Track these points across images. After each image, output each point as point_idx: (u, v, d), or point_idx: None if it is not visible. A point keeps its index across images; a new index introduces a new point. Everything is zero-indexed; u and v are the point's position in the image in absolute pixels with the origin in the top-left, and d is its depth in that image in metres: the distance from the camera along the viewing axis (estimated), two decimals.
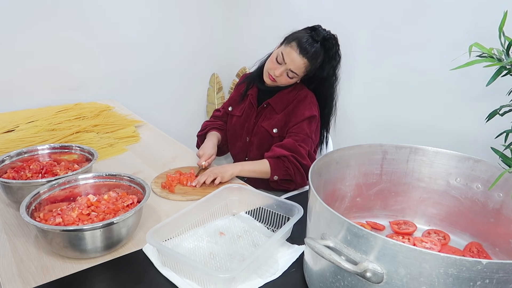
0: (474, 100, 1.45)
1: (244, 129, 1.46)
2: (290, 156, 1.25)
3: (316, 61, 1.29)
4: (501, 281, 0.50)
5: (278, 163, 1.26)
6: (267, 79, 1.34)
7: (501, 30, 0.78)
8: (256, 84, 1.43)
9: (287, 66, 1.28)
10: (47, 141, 1.47)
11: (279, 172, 1.26)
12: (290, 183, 1.31)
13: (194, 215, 0.93)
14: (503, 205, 0.80)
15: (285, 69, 1.29)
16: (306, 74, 1.32)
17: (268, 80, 1.34)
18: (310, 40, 1.27)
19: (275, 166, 1.26)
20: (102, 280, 0.79)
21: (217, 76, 2.69)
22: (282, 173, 1.26)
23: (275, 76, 1.30)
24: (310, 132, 1.32)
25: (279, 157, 1.26)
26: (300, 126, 1.31)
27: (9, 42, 1.88)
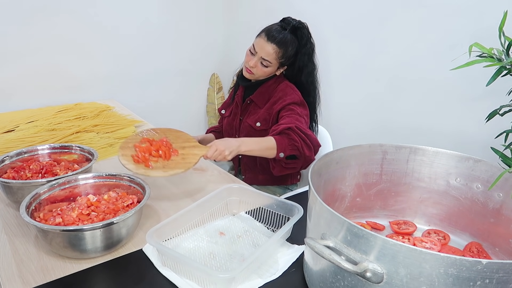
0: (474, 100, 1.45)
1: (233, 128, 1.50)
2: (294, 127, 1.20)
3: (287, 47, 1.33)
4: (501, 281, 0.50)
5: (283, 138, 1.20)
6: (245, 73, 1.40)
7: (501, 30, 0.78)
8: (239, 82, 1.49)
9: (259, 54, 1.33)
10: (47, 141, 1.47)
11: (285, 147, 1.19)
12: (296, 161, 1.24)
13: (194, 215, 0.93)
14: (503, 205, 0.80)
15: (258, 59, 1.34)
16: (281, 62, 1.35)
17: (247, 74, 1.40)
18: (279, 29, 1.34)
19: (280, 141, 1.19)
20: (102, 280, 0.79)
21: (217, 76, 2.70)
22: (288, 148, 1.19)
23: (250, 67, 1.36)
24: (301, 113, 1.30)
25: (283, 132, 1.21)
26: (289, 109, 1.30)
27: (9, 42, 1.88)
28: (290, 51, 1.35)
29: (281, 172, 1.28)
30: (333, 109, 2.03)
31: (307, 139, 1.21)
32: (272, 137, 1.20)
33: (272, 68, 1.36)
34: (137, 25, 2.26)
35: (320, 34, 2.02)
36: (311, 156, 1.23)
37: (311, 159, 1.25)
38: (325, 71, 2.03)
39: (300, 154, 1.21)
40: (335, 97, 2.01)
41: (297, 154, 1.21)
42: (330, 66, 2.00)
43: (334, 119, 2.00)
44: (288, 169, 1.27)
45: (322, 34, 2.01)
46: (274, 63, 1.35)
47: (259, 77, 1.40)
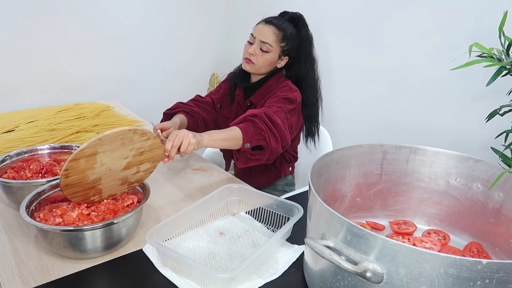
0: (474, 100, 1.45)
1: None
2: (261, 113, 1.11)
3: (286, 32, 1.31)
4: (501, 281, 0.50)
5: (248, 126, 1.10)
6: (245, 65, 1.33)
7: (501, 30, 0.78)
8: (237, 82, 1.42)
9: (258, 38, 1.30)
10: (47, 141, 1.47)
11: (251, 136, 1.09)
12: (262, 152, 1.14)
13: (194, 215, 0.93)
14: (503, 205, 0.81)
15: (258, 44, 1.30)
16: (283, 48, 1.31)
17: (246, 66, 1.32)
18: (277, 17, 1.35)
19: (245, 130, 1.09)
20: (102, 280, 0.79)
21: (217, 76, 2.70)
22: (254, 138, 1.10)
23: (250, 55, 1.30)
24: (284, 108, 1.21)
25: (247, 119, 1.13)
26: (274, 102, 1.23)
27: (9, 42, 1.88)
28: (290, 37, 1.32)
29: (245, 164, 1.17)
30: (333, 109, 2.03)
31: (274, 128, 1.12)
32: (236, 127, 1.10)
33: (273, 54, 1.30)
34: (137, 25, 2.26)
35: (321, 34, 2.02)
36: (277, 148, 1.14)
37: (278, 151, 1.15)
38: (325, 71, 2.03)
39: (266, 144, 1.11)
40: (335, 97, 2.01)
41: (263, 145, 1.12)
42: (330, 66, 2.00)
43: (334, 119, 2.00)
44: (253, 160, 1.16)
45: (323, 34, 2.01)
46: (275, 47, 1.29)
47: (260, 68, 1.32)
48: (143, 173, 0.96)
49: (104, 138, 0.82)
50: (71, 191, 0.86)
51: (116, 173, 0.90)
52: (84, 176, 0.85)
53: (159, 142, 0.95)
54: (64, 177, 0.82)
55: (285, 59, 1.35)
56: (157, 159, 0.98)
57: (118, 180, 0.92)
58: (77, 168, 0.82)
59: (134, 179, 0.95)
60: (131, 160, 0.91)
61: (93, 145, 0.81)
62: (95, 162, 0.84)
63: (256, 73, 1.35)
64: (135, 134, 0.88)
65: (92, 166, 0.84)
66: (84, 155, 0.81)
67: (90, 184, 0.87)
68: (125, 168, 0.91)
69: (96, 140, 0.81)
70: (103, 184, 0.89)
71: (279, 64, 1.35)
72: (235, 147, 1.12)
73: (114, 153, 0.87)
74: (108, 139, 0.83)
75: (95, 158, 0.83)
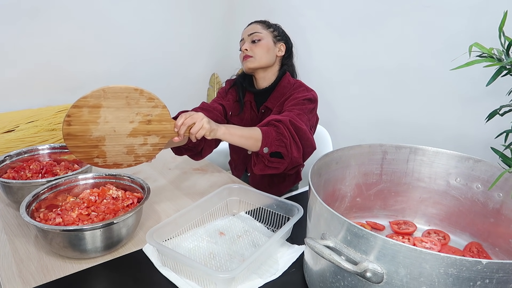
0: (474, 100, 1.45)
1: None
2: (286, 121, 1.05)
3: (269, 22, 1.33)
4: (501, 281, 0.50)
5: (271, 130, 1.04)
6: (245, 63, 1.28)
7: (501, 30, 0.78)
8: (247, 87, 1.37)
9: (246, 36, 1.29)
10: (47, 141, 1.47)
11: (271, 141, 1.03)
12: (281, 161, 1.06)
13: (194, 215, 0.93)
14: (503, 205, 0.81)
15: (248, 40, 1.28)
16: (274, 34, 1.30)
17: (247, 63, 1.27)
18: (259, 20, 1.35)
19: (267, 133, 1.03)
20: (102, 280, 0.79)
21: (217, 76, 2.70)
22: (275, 143, 1.03)
23: (245, 51, 1.27)
24: (305, 109, 1.17)
25: (271, 123, 1.07)
26: (295, 104, 1.18)
27: (9, 42, 1.88)
28: (274, 26, 1.33)
29: (262, 171, 1.10)
30: (333, 109, 2.03)
31: (297, 136, 1.06)
32: (258, 128, 1.05)
33: (266, 39, 1.27)
34: (138, 25, 2.26)
35: (320, 34, 2.02)
36: (298, 158, 1.07)
37: (298, 162, 1.08)
38: (326, 71, 2.04)
39: (286, 152, 1.04)
40: (335, 97, 2.01)
41: (283, 152, 1.04)
42: (330, 66, 2.01)
43: (334, 119, 2.00)
44: (270, 168, 1.08)
45: (322, 34, 2.01)
46: (265, 33, 1.28)
47: (260, 59, 1.26)
48: (150, 147, 0.92)
49: (108, 90, 0.79)
50: (73, 143, 0.83)
51: (122, 137, 0.87)
52: (87, 130, 0.82)
53: (168, 114, 0.91)
54: (66, 124, 0.79)
55: (282, 46, 1.31)
56: (166, 134, 0.93)
57: (123, 147, 0.88)
58: (80, 118, 0.80)
59: (141, 152, 0.91)
60: (137, 127, 0.88)
61: (96, 95, 0.78)
62: (98, 116, 0.81)
63: (259, 66, 1.28)
64: (142, 96, 0.84)
65: (95, 120, 0.82)
66: (87, 104, 0.79)
67: (93, 141, 0.84)
68: (131, 134, 0.88)
69: (100, 91, 0.78)
70: (107, 146, 0.86)
71: (278, 53, 1.31)
72: (251, 148, 1.05)
73: (119, 112, 0.84)
74: (113, 92, 0.80)
75: (98, 111, 0.81)
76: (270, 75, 1.32)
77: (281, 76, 1.31)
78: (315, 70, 2.09)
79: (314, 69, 2.09)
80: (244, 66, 1.30)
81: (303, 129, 1.07)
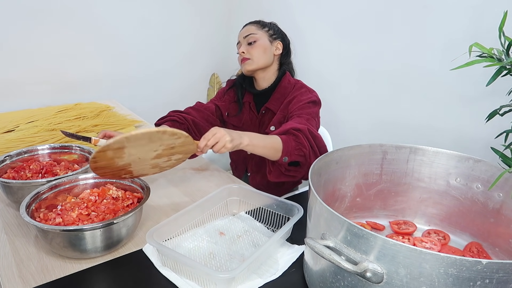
0: (474, 100, 1.45)
1: None
2: (305, 130, 1.05)
3: (264, 21, 1.33)
4: (501, 281, 0.50)
5: (290, 140, 1.03)
6: (244, 66, 1.29)
7: (501, 30, 0.78)
8: (247, 88, 1.36)
9: (241, 38, 1.30)
10: (47, 141, 1.47)
11: (291, 151, 1.02)
12: (299, 169, 1.08)
13: (194, 215, 0.93)
14: (503, 205, 0.80)
15: (245, 42, 1.29)
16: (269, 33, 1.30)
17: (246, 65, 1.27)
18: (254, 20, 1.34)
19: (287, 142, 1.02)
20: (102, 280, 0.79)
21: (217, 76, 2.70)
22: (294, 153, 1.02)
23: (243, 54, 1.28)
24: (313, 113, 1.18)
25: (290, 132, 1.05)
26: (301, 108, 1.18)
27: (10, 42, 1.88)
28: (270, 25, 1.33)
29: (278, 178, 1.10)
30: (333, 109, 2.03)
31: (315, 145, 1.06)
32: (278, 136, 1.03)
33: (262, 40, 1.27)
34: (137, 25, 2.26)
35: (320, 34, 2.02)
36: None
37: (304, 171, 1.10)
38: (325, 71, 2.04)
39: (305, 161, 1.04)
40: (335, 97, 2.01)
41: (301, 161, 1.05)
42: (330, 66, 2.01)
43: (334, 119, 2.00)
44: (287, 176, 1.09)
45: (322, 34, 2.01)
46: (260, 33, 1.28)
47: (259, 60, 1.26)
48: (175, 161, 0.98)
49: (131, 137, 0.80)
50: (101, 172, 0.88)
51: (146, 161, 0.90)
52: (113, 162, 0.85)
53: (191, 139, 0.92)
54: (93, 162, 0.82)
55: (279, 44, 1.31)
56: (189, 151, 0.97)
57: (148, 166, 0.93)
58: (105, 157, 0.82)
59: (165, 165, 0.98)
60: (161, 153, 0.90)
61: (119, 142, 0.80)
62: (123, 153, 0.84)
63: (258, 67, 1.28)
64: (164, 135, 0.85)
65: (120, 156, 0.84)
66: (110, 148, 0.80)
67: (120, 167, 0.88)
68: (155, 157, 0.91)
69: (122, 139, 0.79)
70: (133, 167, 0.90)
71: (276, 51, 1.30)
72: (272, 158, 1.05)
73: (143, 147, 0.85)
74: (135, 139, 0.81)
75: (123, 150, 0.83)
76: (270, 74, 1.32)
77: (281, 76, 1.31)
78: (315, 70, 2.09)
79: (314, 69, 2.09)
80: (243, 69, 1.30)
81: (319, 138, 1.08)
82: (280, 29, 1.36)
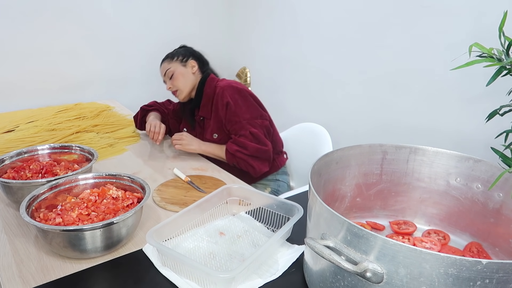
0: (474, 100, 1.45)
1: None
2: (235, 152, 1.33)
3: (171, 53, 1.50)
4: (501, 281, 0.50)
5: (229, 156, 1.36)
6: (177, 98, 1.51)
7: (501, 30, 0.78)
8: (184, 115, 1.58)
9: (162, 75, 1.50)
10: (47, 141, 1.47)
11: (234, 162, 1.36)
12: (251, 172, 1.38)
13: (194, 215, 0.93)
14: (503, 205, 0.80)
15: (166, 79, 1.48)
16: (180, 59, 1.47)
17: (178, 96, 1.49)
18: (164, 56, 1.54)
19: (229, 158, 1.36)
20: (102, 280, 0.79)
21: None
22: (237, 164, 1.36)
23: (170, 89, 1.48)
24: (240, 113, 1.36)
25: (228, 151, 1.36)
26: (228, 117, 1.37)
27: (10, 42, 1.88)
28: (175, 52, 1.50)
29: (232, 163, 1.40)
30: (333, 109, 2.03)
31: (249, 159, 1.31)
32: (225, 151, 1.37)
33: (178, 70, 1.45)
34: (137, 25, 2.26)
35: (320, 34, 2.02)
36: (261, 168, 1.34)
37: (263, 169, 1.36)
38: (325, 71, 2.04)
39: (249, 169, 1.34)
40: (335, 97, 2.01)
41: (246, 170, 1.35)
42: (330, 66, 2.01)
43: (334, 119, 2.00)
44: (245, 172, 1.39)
45: (322, 34, 2.01)
46: (173, 65, 1.46)
47: (184, 87, 1.46)
48: None
49: None
50: None
51: None
52: None
53: None
54: None
55: (192, 62, 1.48)
56: None
57: None
58: None
59: None
60: None
61: None
62: None
63: (188, 92, 1.47)
64: None
65: None
66: None
67: None
68: None
69: None
70: None
71: (192, 70, 1.48)
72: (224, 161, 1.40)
73: None
74: None
75: None
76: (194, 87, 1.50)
77: (202, 85, 1.46)
78: (315, 70, 2.09)
79: (314, 69, 2.09)
80: (178, 99, 1.52)
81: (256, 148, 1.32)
82: (187, 48, 1.51)
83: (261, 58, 2.45)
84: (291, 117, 2.33)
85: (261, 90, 2.53)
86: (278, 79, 2.37)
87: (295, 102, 2.28)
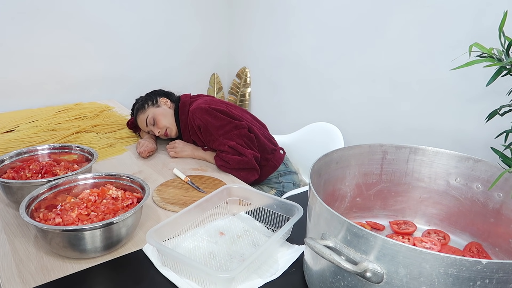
0: (474, 100, 1.45)
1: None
2: (220, 166, 1.35)
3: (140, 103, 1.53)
4: (501, 281, 0.50)
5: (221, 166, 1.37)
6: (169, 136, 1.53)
7: (501, 30, 0.78)
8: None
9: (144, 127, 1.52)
10: (47, 141, 1.47)
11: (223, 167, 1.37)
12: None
13: (194, 215, 0.93)
14: (503, 205, 0.80)
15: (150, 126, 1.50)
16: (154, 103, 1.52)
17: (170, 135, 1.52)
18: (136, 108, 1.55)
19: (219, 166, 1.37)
20: (102, 280, 0.79)
21: (217, 76, 2.70)
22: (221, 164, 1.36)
23: (159, 133, 1.50)
24: (214, 131, 1.37)
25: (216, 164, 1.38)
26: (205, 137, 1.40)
27: (10, 42, 1.88)
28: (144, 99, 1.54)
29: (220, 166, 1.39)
30: (333, 110, 2.03)
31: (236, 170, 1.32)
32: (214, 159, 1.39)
33: (158, 111, 1.49)
34: (137, 25, 2.26)
35: (321, 34, 2.02)
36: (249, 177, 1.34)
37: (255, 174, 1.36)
38: (326, 72, 2.04)
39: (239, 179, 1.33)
40: (335, 98, 2.01)
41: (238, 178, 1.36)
42: (330, 66, 2.01)
43: (334, 119, 2.00)
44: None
45: (322, 34, 2.01)
46: (148, 110, 1.50)
47: (169, 123, 1.50)
48: None
49: None
50: None
51: None
52: None
53: None
54: None
55: (162, 99, 1.54)
56: None
57: None
58: None
59: None
60: None
61: None
62: None
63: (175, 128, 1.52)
64: None
65: None
66: None
67: None
68: None
69: None
70: None
71: (167, 106, 1.53)
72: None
73: None
74: None
75: None
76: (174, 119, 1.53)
77: (176, 113, 1.51)
78: (315, 70, 2.09)
79: (314, 69, 2.09)
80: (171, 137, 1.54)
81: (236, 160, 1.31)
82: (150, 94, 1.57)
83: (261, 58, 2.45)
84: (291, 117, 2.33)
85: (261, 90, 2.53)
86: (278, 79, 2.37)
87: (295, 102, 2.28)
